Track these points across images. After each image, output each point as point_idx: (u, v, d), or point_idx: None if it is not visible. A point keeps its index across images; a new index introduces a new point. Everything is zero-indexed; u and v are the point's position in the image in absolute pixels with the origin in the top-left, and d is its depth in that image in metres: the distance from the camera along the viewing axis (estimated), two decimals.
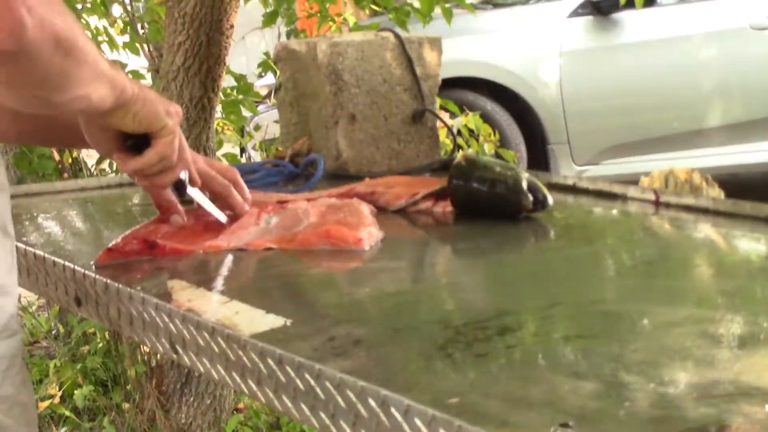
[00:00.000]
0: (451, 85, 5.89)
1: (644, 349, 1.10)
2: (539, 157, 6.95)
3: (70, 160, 4.13)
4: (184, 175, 1.56)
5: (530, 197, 1.73)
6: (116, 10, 4.25)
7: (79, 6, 4.07)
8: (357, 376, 0.98)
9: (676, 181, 2.21)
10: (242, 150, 5.10)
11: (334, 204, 1.77)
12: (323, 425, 1.01)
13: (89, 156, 4.35)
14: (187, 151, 1.54)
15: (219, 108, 3.60)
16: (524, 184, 1.73)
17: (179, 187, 1.57)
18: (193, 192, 1.62)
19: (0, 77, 1.18)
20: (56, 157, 4.01)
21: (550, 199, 1.75)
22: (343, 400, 0.98)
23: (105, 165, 4.18)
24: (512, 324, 1.21)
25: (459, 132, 4.09)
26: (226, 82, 3.49)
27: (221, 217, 1.65)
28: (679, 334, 1.16)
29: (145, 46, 4.10)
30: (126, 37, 4.20)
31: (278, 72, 2.56)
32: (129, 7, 4.19)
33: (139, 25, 4.17)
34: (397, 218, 1.82)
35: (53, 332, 4.54)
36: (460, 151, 3.79)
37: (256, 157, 4.93)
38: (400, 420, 0.91)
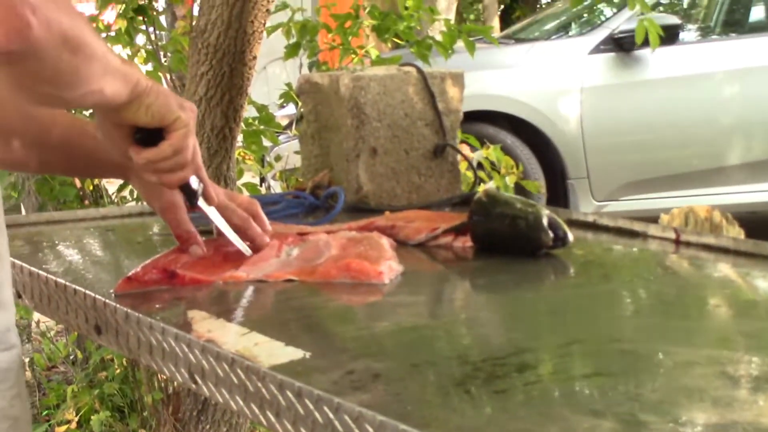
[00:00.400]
0: (472, 118, 5.90)
1: (662, 388, 1.10)
2: (558, 191, 6.95)
3: (91, 188, 4.15)
4: (195, 185, 1.54)
5: (550, 234, 1.73)
6: (140, 39, 4.27)
7: (104, 35, 4.09)
8: (375, 411, 0.98)
9: (696, 219, 2.21)
10: (262, 180, 5.11)
11: (354, 237, 1.77)
12: None
13: (110, 183, 4.37)
14: (200, 156, 1.53)
15: (240, 138, 3.61)
16: (545, 221, 1.73)
17: (189, 195, 1.55)
18: (211, 212, 1.61)
19: (10, 77, 1.20)
20: (78, 184, 4.03)
21: (571, 236, 1.75)
22: None
23: (126, 192, 4.20)
24: (530, 361, 1.21)
25: (480, 165, 4.09)
26: (248, 112, 3.50)
27: (240, 245, 1.64)
28: (697, 374, 1.16)
29: (167, 75, 4.12)
30: (149, 66, 4.22)
31: (300, 104, 2.57)
32: (153, 37, 4.21)
33: (162, 55, 4.20)
34: (416, 252, 1.83)
35: (71, 357, 4.55)
36: (482, 184, 3.80)
37: (276, 186, 4.94)
38: None
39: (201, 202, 1.57)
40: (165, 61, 4.15)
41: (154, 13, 4.13)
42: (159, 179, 1.51)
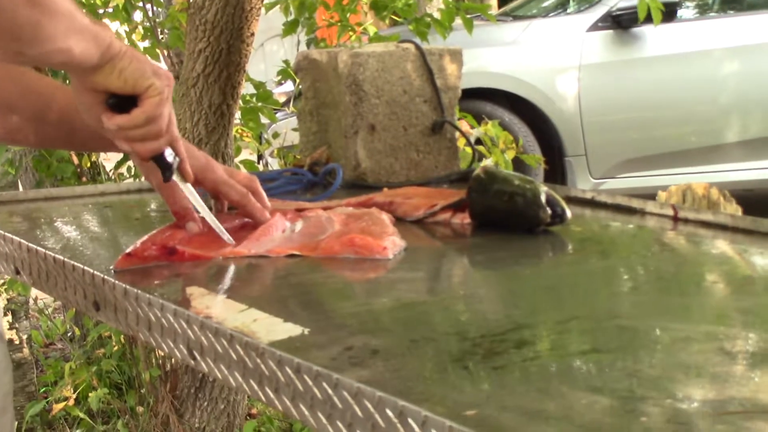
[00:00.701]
0: (470, 95, 5.90)
1: (660, 364, 1.10)
2: (556, 169, 6.95)
3: (88, 164, 4.15)
4: (170, 158, 1.52)
5: (548, 210, 1.73)
6: (137, 16, 4.27)
7: (101, 11, 4.08)
8: (374, 387, 0.98)
9: (694, 196, 2.21)
10: (260, 157, 5.10)
11: (355, 213, 1.77)
12: None
13: (107, 160, 4.36)
14: (175, 127, 1.50)
15: (238, 115, 3.61)
16: (543, 198, 1.73)
17: (163, 168, 1.53)
18: (186, 189, 1.59)
19: None
20: (75, 161, 4.03)
21: (569, 213, 1.75)
22: (360, 410, 0.98)
23: (123, 169, 4.19)
24: (529, 337, 1.21)
25: (479, 141, 4.09)
26: (246, 89, 3.50)
27: (218, 228, 1.62)
28: (695, 350, 1.16)
29: (165, 52, 4.11)
30: (147, 43, 4.21)
31: (298, 81, 2.57)
32: (150, 13, 4.20)
33: (159, 32, 4.19)
34: (415, 229, 1.83)
35: (69, 334, 4.56)
36: (483, 160, 3.80)
37: (274, 164, 4.93)
38: (417, 431, 0.92)
39: (176, 177, 1.55)
40: (162, 38, 4.14)
41: None
42: (132, 148, 1.48)
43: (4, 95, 1.60)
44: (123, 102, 1.43)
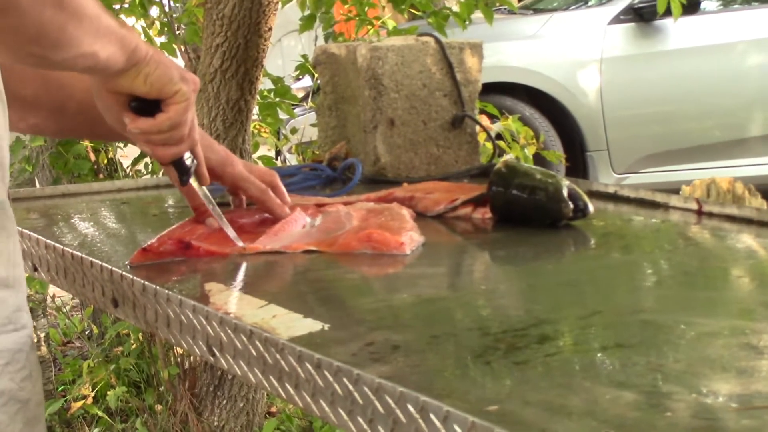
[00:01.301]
0: (490, 90, 5.89)
1: (685, 359, 1.09)
2: (577, 164, 6.92)
3: (105, 161, 4.15)
4: (189, 161, 1.50)
5: (570, 205, 1.71)
6: (154, 11, 4.26)
7: (117, 6, 4.08)
8: (395, 382, 0.97)
9: (718, 190, 2.19)
10: (278, 153, 5.10)
11: (374, 208, 1.76)
12: (361, 430, 1.00)
13: (124, 156, 4.37)
14: (197, 131, 1.48)
15: (255, 110, 3.60)
16: (564, 192, 1.72)
17: (181, 171, 1.51)
18: (202, 192, 1.58)
19: None
20: (92, 157, 4.03)
21: (591, 207, 1.73)
22: (381, 406, 0.97)
23: (140, 166, 4.20)
24: (550, 332, 1.20)
25: (499, 136, 4.07)
26: (263, 84, 3.50)
27: (231, 232, 1.59)
28: (720, 344, 1.15)
29: (182, 47, 4.11)
30: (163, 39, 4.21)
31: (317, 75, 2.56)
32: (167, 9, 4.20)
33: (176, 27, 4.19)
34: (435, 224, 1.81)
35: (87, 333, 4.56)
36: (504, 155, 3.78)
37: (292, 159, 4.93)
38: (438, 426, 0.91)
39: (192, 181, 1.54)
40: (179, 34, 4.14)
41: None
42: (152, 152, 1.47)
43: (28, 91, 1.59)
44: (146, 104, 1.40)
